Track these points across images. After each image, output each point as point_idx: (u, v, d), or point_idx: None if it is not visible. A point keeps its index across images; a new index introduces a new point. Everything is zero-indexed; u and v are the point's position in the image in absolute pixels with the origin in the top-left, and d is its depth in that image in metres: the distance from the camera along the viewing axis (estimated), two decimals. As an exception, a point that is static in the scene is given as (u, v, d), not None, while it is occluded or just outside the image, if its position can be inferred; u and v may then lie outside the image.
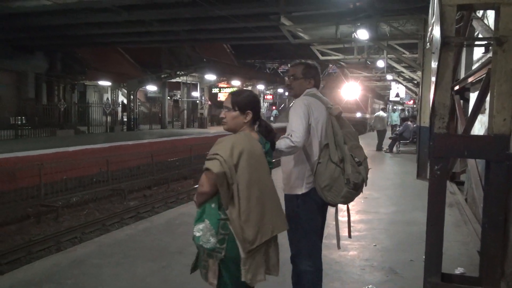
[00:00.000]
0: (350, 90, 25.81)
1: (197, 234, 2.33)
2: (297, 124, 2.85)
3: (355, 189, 2.87)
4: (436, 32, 3.02)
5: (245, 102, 2.49)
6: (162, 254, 4.59)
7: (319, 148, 2.95)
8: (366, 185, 2.94)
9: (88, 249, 4.74)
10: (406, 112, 30.63)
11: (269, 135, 2.59)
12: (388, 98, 34.84)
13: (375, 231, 5.64)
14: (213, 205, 2.33)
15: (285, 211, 3.02)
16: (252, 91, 2.70)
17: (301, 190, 2.98)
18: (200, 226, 2.33)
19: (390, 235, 5.49)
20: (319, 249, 3.14)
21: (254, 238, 2.28)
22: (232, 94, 2.56)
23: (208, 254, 2.31)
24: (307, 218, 3.00)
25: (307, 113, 2.89)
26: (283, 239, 2.73)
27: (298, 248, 3.06)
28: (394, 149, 16.48)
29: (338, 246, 3.23)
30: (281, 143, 2.80)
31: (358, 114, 30.19)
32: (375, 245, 5.06)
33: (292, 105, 3.05)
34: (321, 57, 16.87)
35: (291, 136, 2.81)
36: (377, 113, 18.77)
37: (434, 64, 3.06)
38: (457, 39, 3.34)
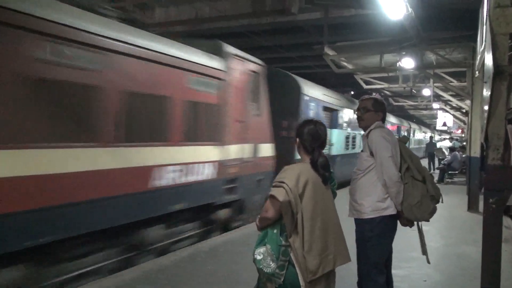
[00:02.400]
0: None
1: (258, 257, 2.34)
2: (389, 163, 3.03)
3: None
4: (488, 60, 2.97)
5: (296, 130, 2.58)
6: (206, 282, 4.60)
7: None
8: (442, 202, 3.23)
9: (134, 275, 4.83)
10: (456, 141, 29.16)
11: (323, 169, 2.48)
12: (435, 127, 33.80)
13: (424, 266, 5.39)
14: (275, 231, 2.35)
15: (356, 236, 3.15)
16: (310, 121, 2.62)
17: (375, 215, 3.09)
18: (261, 249, 2.35)
19: (441, 270, 5.25)
20: (384, 276, 3.20)
21: (316, 269, 2.27)
22: None
23: (268, 278, 2.31)
24: (378, 242, 3.10)
25: (390, 147, 3.08)
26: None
27: (367, 273, 3.10)
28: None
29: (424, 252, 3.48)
30: (394, 195, 3.01)
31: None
32: (425, 281, 4.86)
33: (370, 139, 3.18)
34: (365, 86, 16.76)
35: (391, 180, 2.99)
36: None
37: (486, 94, 2.99)
38: (511, 68, 3.24)
